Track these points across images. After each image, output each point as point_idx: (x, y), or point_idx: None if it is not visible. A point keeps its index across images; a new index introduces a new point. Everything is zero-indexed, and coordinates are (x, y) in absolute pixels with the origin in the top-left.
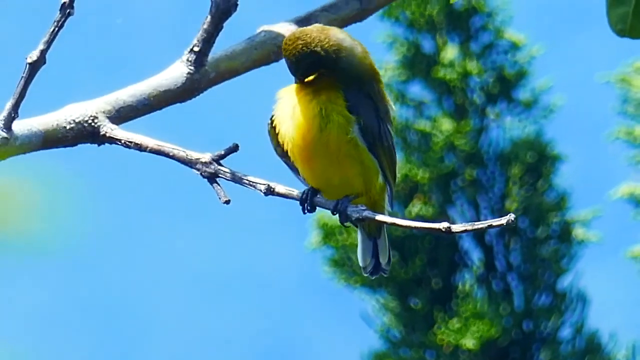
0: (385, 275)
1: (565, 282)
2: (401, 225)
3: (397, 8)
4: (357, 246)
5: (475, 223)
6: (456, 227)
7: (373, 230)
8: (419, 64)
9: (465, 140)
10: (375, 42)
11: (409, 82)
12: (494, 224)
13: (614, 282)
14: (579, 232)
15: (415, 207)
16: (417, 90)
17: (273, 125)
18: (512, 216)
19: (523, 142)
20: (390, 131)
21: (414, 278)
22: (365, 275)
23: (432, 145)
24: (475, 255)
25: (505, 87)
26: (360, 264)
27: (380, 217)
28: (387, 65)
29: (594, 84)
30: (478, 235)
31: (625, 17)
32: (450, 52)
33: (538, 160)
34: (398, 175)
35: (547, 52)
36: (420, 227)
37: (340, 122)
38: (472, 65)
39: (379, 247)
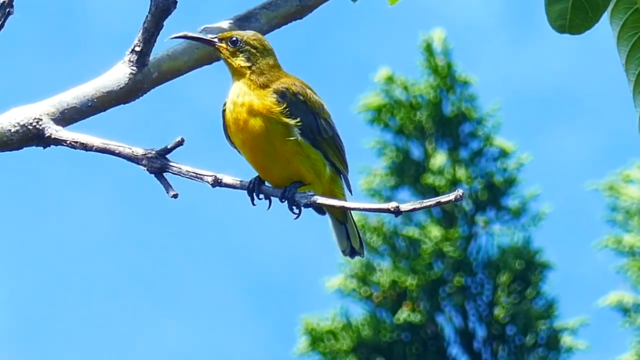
0: (362, 258)
1: None
2: (349, 208)
3: (387, 114)
4: (343, 351)
5: (424, 201)
6: (404, 206)
7: (339, 215)
8: (407, 170)
9: (454, 248)
10: (364, 148)
11: (398, 188)
12: (442, 200)
13: None
14: (566, 340)
15: (404, 313)
16: (405, 196)
17: (225, 114)
18: (459, 191)
19: (511, 249)
20: (329, 122)
21: None
22: (345, 257)
23: (420, 252)
24: None
25: (494, 194)
26: (339, 248)
27: (325, 200)
28: (376, 171)
29: (583, 191)
30: (466, 342)
31: (565, 13)
32: (440, 158)
33: (526, 268)
34: (387, 280)
35: (536, 159)
36: (369, 209)
37: (282, 131)
38: (461, 172)
39: (349, 232)
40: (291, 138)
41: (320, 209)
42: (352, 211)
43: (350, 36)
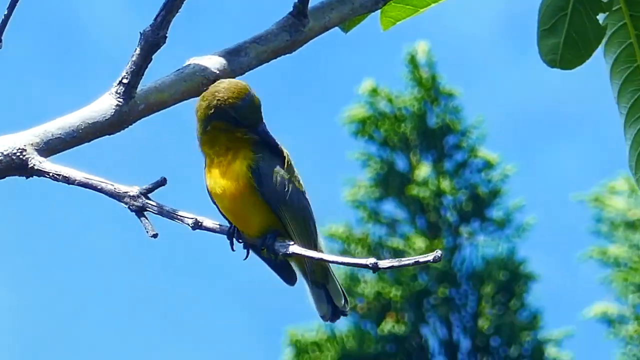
0: (346, 316)
1: None
2: (328, 260)
3: (371, 126)
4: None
5: (402, 259)
6: (383, 263)
7: (319, 275)
8: (392, 182)
9: None
10: (349, 160)
11: (382, 200)
12: (421, 260)
13: None
14: (551, 351)
15: (388, 325)
16: (390, 208)
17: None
18: (438, 252)
19: (496, 261)
20: (300, 193)
21: None
22: (326, 322)
23: None
24: None
25: (479, 206)
26: (318, 314)
27: (304, 252)
28: (360, 182)
29: (568, 203)
30: (451, 353)
31: (556, 48)
32: (424, 170)
33: (511, 279)
34: (371, 291)
35: (520, 170)
36: (348, 263)
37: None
38: (446, 184)
39: (331, 293)
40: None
41: (288, 278)
42: (330, 263)
43: (335, 49)
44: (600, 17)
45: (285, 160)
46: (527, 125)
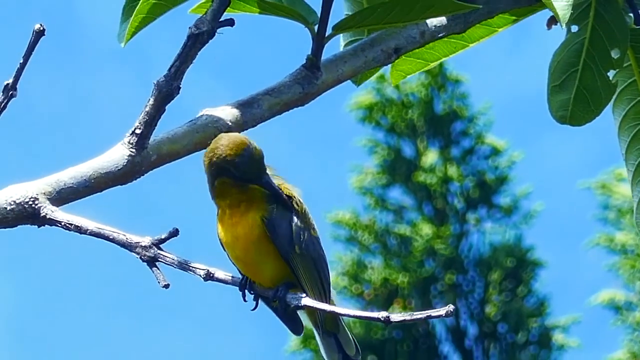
0: None
1: None
2: (340, 314)
3: (378, 112)
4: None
5: (415, 313)
6: (395, 317)
7: (330, 325)
8: (399, 169)
9: (445, 245)
10: (356, 147)
11: (389, 186)
12: (433, 314)
13: None
14: (558, 337)
15: (395, 311)
16: (397, 194)
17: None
18: (451, 307)
19: (503, 247)
20: (313, 241)
21: None
22: None
23: (412, 249)
24: None
25: (486, 192)
26: None
27: (316, 304)
28: (367, 169)
29: (575, 190)
30: (458, 340)
31: (567, 104)
32: (431, 156)
33: (518, 266)
34: (378, 278)
35: (528, 157)
36: (360, 316)
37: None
38: (453, 171)
39: (341, 342)
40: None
41: (295, 327)
42: (342, 316)
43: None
44: (610, 74)
45: (299, 209)
46: (534, 112)
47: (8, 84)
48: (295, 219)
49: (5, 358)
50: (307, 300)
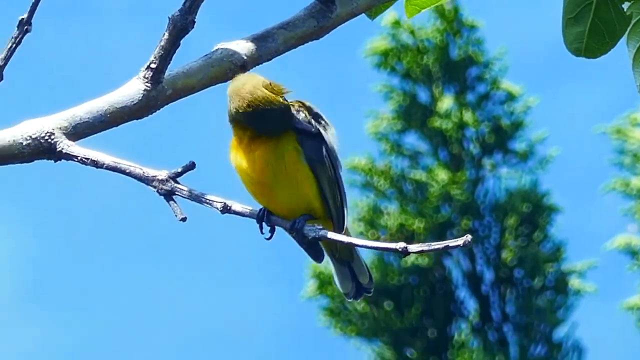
0: (369, 295)
1: (561, 332)
2: (358, 245)
3: (393, 58)
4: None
5: (432, 244)
6: (413, 247)
7: (344, 254)
8: (414, 114)
9: (461, 191)
10: (371, 92)
11: (405, 132)
12: (451, 244)
13: (610, 332)
14: (574, 283)
15: (411, 257)
16: (412, 140)
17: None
18: (468, 237)
19: (519, 193)
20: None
21: (409, 328)
22: (349, 300)
23: (427, 195)
24: (471, 305)
25: (501, 138)
26: (341, 291)
27: (334, 236)
28: (382, 115)
29: (590, 135)
30: (474, 285)
31: (581, 36)
32: (446, 102)
33: (534, 211)
34: (394, 223)
35: (543, 102)
36: (377, 247)
37: (293, 152)
38: (468, 116)
39: (355, 270)
40: (303, 165)
41: (316, 255)
42: (360, 247)
43: None
44: (625, 6)
45: (328, 132)
46: (550, 57)
47: (23, 18)
48: (325, 138)
49: (23, 298)
50: (324, 232)
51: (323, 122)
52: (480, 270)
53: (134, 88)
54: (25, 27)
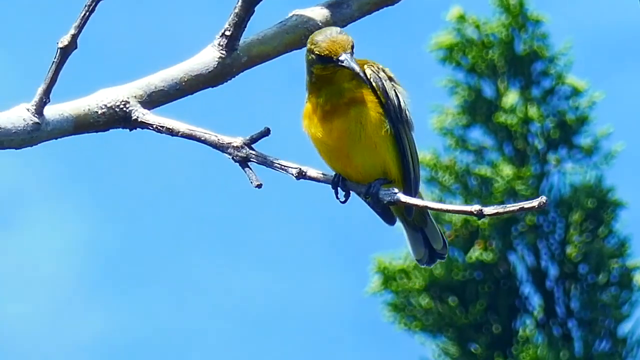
0: (443, 260)
1: (625, 328)
2: (433, 208)
3: (458, 52)
4: (416, 290)
5: (507, 205)
6: (488, 210)
7: (418, 219)
8: (479, 109)
9: (526, 186)
10: (436, 87)
11: (470, 127)
12: (526, 206)
13: None
14: (639, 278)
15: (476, 252)
16: (477, 135)
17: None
18: (543, 198)
19: (584, 188)
20: (409, 117)
21: (474, 323)
22: (422, 266)
23: (492, 190)
24: (536, 301)
25: (566, 133)
26: (414, 257)
27: (409, 200)
28: (447, 110)
29: None
30: (538, 281)
31: None
32: (511, 97)
33: (598, 207)
34: (459, 219)
35: (608, 97)
36: (453, 210)
37: (376, 118)
38: (533, 111)
39: (428, 236)
40: (385, 127)
41: (388, 217)
42: (434, 210)
43: None
44: None
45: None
46: (615, 51)
47: None
48: (402, 101)
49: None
50: (400, 196)
51: (398, 85)
52: (544, 265)
53: (209, 56)
54: None
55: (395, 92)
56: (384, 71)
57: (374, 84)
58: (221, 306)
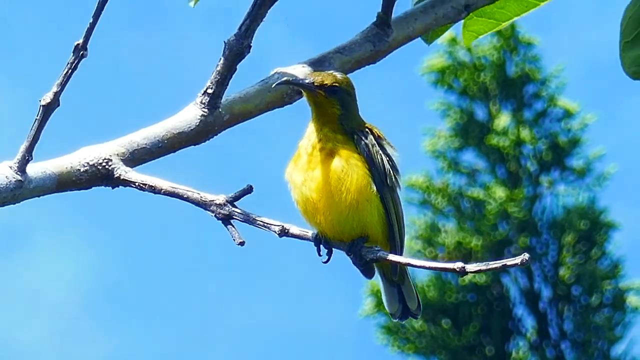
0: (416, 319)
1: (618, 349)
2: (415, 265)
3: (450, 75)
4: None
5: (490, 262)
6: (470, 267)
7: (397, 277)
8: (472, 132)
9: (519, 208)
10: (428, 110)
11: (462, 149)
12: (509, 263)
13: None
14: (632, 299)
15: (468, 275)
16: (470, 157)
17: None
18: (526, 255)
19: (576, 210)
20: (397, 178)
21: (467, 345)
22: (395, 320)
23: (485, 212)
24: (529, 323)
25: (559, 155)
26: (388, 310)
27: (393, 257)
28: (440, 132)
29: None
30: (531, 303)
31: (639, 60)
32: (504, 119)
33: (591, 228)
34: (452, 241)
35: (600, 120)
36: (435, 267)
37: (360, 179)
38: (525, 133)
39: (404, 293)
40: (370, 189)
41: (367, 271)
42: (417, 268)
43: None
44: None
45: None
46: (607, 73)
47: (78, 44)
48: (385, 158)
49: (92, 314)
50: (383, 254)
51: (389, 145)
52: (537, 287)
53: (191, 114)
54: (81, 52)
55: (381, 157)
56: (371, 132)
57: (358, 150)
58: (216, 334)
